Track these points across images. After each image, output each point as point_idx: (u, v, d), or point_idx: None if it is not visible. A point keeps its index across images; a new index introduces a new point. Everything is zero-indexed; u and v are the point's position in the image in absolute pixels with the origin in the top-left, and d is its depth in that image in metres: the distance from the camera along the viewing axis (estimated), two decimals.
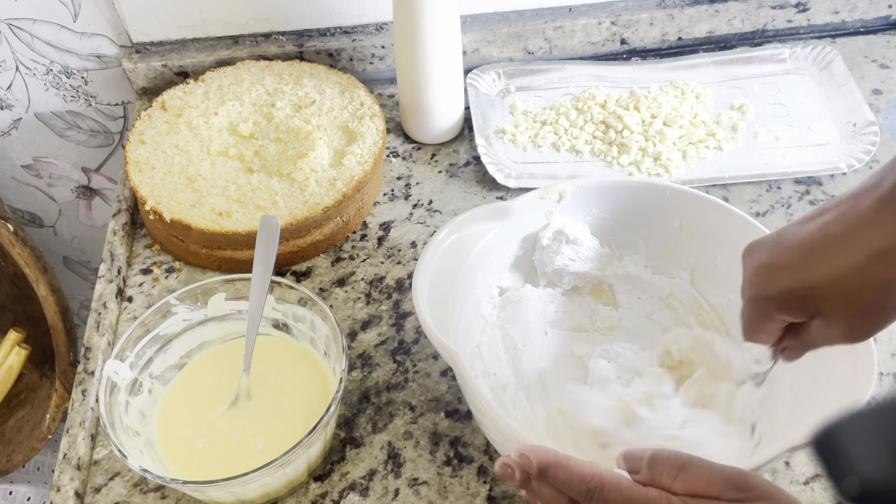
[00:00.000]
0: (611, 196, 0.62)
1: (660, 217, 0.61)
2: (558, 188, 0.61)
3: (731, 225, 0.57)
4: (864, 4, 0.85)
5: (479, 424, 0.56)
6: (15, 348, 0.95)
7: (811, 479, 0.56)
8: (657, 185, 0.60)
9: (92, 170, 0.98)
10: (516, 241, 0.62)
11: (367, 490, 0.57)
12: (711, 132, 0.77)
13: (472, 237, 0.59)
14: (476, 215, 0.59)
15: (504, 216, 0.60)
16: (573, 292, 0.65)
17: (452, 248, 0.57)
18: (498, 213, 0.60)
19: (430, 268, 0.55)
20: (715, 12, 0.84)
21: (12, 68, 0.84)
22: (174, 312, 0.59)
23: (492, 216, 0.60)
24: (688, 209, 0.60)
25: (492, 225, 0.60)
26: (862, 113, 0.77)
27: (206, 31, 0.82)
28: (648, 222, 0.62)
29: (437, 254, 0.56)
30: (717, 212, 0.58)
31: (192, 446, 0.56)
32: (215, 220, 0.67)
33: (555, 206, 0.61)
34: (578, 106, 0.80)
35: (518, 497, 0.56)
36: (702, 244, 0.60)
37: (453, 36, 0.72)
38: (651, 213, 0.61)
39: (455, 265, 0.58)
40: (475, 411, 0.52)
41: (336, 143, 0.73)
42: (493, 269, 0.62)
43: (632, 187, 0.61)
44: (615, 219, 0.62)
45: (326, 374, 0.59)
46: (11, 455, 0.91)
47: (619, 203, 0.62)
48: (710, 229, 0.59)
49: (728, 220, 0.57)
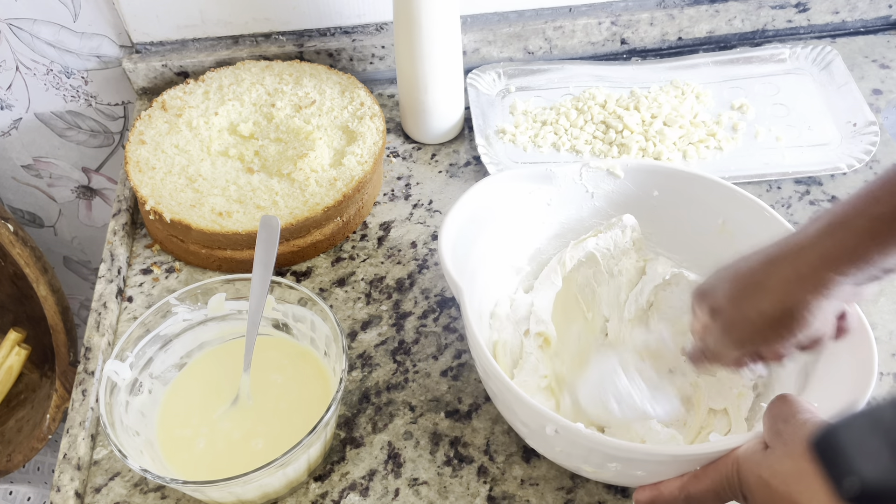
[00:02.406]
0: (656, 182, 0.61)
1: (703, 212, 0.60)
2: (607, 163, 0.61)
3: (774, 232, 0.55)
4: (864, 4, 0.85)
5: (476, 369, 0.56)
6: (15, 348, 0.95)
7: None
8: (707, 179, 0.59)
9: (92, 170, 0.98)
10: (555, 207, 0.63)
11: (367, 490, 0.57)
12: (711, 132, 0.77)
13: (512, 193, 0.60)
14: (520, 174, 0.60)
15: (547, 181, 0.61)
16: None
17: (490, 198, 0.59)
18: (541, 177, 0.61)
19: (464, 212, 0.57)
20: (715, 12, 0.84)
21: (12, 68, 0.84)
22: (174, 312, 0.59)
23: (535, 178, 0.61)
24: (733, 208, 0.58)
25: (534, 187, 0.61)
26: (862, 113, 0.77)
27: (206, 31, 0.82)
28: (690, 215, 0.61)
29: (474, 201, 0.58)
30: (762, 217, 0.57)
31: (192, 446, 0.56)
32: (215, 220, 0.67)
33: (601, 180, 0.61)
34: (578, 106, 0.80)
35: (518, 497, 0.56)
36: (741, 246, 0.59)
37: (453, 36, 0.72)
38: (694, 206, 0.60)
39: (488, 216, 0.59)
40: (472, 350, 0.53)
41: (336, 143, 0.73)
42: (525, 232, 0.63)
43: (680, 177, 0.60)
44: (658, 204, 0.62)
45: (326, 374, 0.59)
46: (11, 455, 0.91)
47: (665, 190, 0.61)
48: (751, 233, 0.57)
49: (772, 227, 0.56)
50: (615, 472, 0.48)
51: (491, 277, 0.61)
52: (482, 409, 0.61)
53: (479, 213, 0.59)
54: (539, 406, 0.47)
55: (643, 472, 0.48)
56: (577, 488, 0.57)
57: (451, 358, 0.64)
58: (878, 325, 0.64)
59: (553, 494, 0.56)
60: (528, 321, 0.61)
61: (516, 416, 0.51)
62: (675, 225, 0.62)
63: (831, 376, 0.49)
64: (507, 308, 0.62)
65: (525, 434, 0.53)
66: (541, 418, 0.47)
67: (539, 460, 0.58)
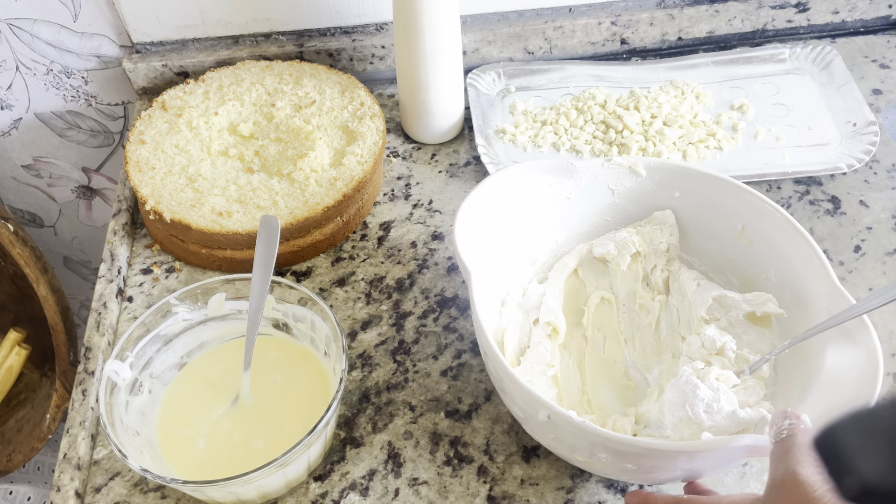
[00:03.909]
0: (678, 182, 0.61)
1: (723, 216, 0.60)
2: (630, 160, 0.61)
3: (792, 241, 0.56)
4: (864, 4, 0.85)
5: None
6: (15, 348, 0.95)
7: None
8: (729, 183, 0.59)
9: (92, 170, 0.98)
10: (574, 201, 0.63)
11: (367, 490, 0.57)
12: (711, 132, 0.77)
13: (531, 185, 0.61)
14: (541, 166, 0.61)
15: (568, 175, 0.61)
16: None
17: (509, 189, 0.60)
18: (562, 170, 0.61)
19: (482, 199, 0.58)
20: (715, 12, 0.84)
21: (12, 68, 0.84)
22: (174, 312, 0.59)
23: (556, 171, 0.61)
24: (753, 214, 0.58)
25: (554, 180, 0.61)
26: (862, 113, 0.77)
27: (206, 31, 0.82)
28: (711, 219, 0.61)
29: (493, 189, 0.59)
30: (782, 225, 0.57)
31: (192, 446, 0.56)
32: (215, 220, 0.67)
33: (623, 177, 0.62)
34: (578, 106, 0.80)
35: (518, 497, 0.56)
36: (759, 254, 0.59)
37: (453, 36, 0.72)
38: (715, 209, 0.60)
39: (506, 206, 0.60)
40: (477, 333, 0.53)
41: (336, 143, 0.73)
42: (543, 224, 0.63)
43: (703, 179, 0.60)
44: (679, 206, 0.62)
45: (326, 374, 0.59)
46: (11, 455, 0.91)
47: (686, 192, 0.61)
48: (770, 240, 0.58)
49: (791, 236, 0.56)
50: (606, 462, 0.49)
51: (505, 266, 0.61)
52: (482, 409, 0.61)
53: (497, 202, 0.59)
54: (534, 392, 0.47)
55: (633, 465, 0.48)
56: (576, 488, 0.57)
57: (451, 358, 0.64)
58: (877, 324, 0.64)
59: (553, 494, 0.56)
60: (538, 310, 0.61)
61: (514, 401, 0.52)
62: (695, 228, 0.62)
63: (836, 381, 0.49)
64: (520, 297, 0.62)
65: (521, 419, 0.54)
66: (535, 403, 0.48)
67: (539, 460, 0.58)
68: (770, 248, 0.58)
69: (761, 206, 0.58)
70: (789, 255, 0.56)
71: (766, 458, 0.44)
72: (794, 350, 0.54)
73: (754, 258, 0.59)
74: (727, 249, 0.61)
